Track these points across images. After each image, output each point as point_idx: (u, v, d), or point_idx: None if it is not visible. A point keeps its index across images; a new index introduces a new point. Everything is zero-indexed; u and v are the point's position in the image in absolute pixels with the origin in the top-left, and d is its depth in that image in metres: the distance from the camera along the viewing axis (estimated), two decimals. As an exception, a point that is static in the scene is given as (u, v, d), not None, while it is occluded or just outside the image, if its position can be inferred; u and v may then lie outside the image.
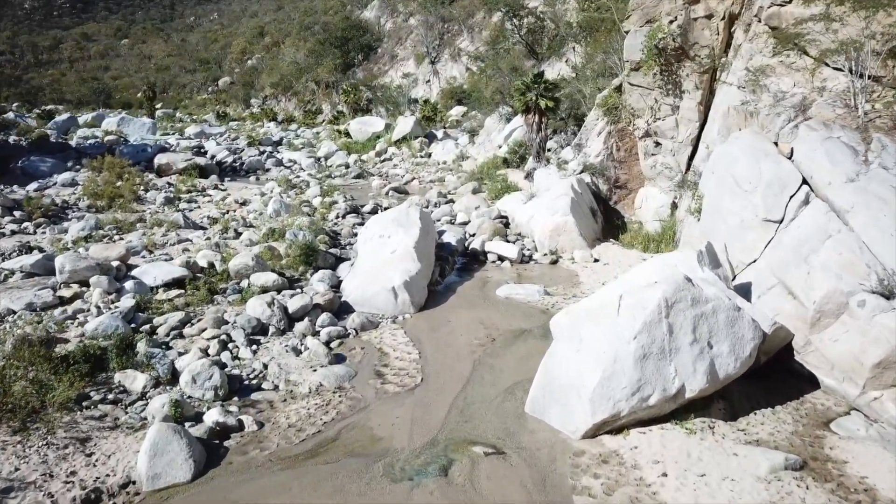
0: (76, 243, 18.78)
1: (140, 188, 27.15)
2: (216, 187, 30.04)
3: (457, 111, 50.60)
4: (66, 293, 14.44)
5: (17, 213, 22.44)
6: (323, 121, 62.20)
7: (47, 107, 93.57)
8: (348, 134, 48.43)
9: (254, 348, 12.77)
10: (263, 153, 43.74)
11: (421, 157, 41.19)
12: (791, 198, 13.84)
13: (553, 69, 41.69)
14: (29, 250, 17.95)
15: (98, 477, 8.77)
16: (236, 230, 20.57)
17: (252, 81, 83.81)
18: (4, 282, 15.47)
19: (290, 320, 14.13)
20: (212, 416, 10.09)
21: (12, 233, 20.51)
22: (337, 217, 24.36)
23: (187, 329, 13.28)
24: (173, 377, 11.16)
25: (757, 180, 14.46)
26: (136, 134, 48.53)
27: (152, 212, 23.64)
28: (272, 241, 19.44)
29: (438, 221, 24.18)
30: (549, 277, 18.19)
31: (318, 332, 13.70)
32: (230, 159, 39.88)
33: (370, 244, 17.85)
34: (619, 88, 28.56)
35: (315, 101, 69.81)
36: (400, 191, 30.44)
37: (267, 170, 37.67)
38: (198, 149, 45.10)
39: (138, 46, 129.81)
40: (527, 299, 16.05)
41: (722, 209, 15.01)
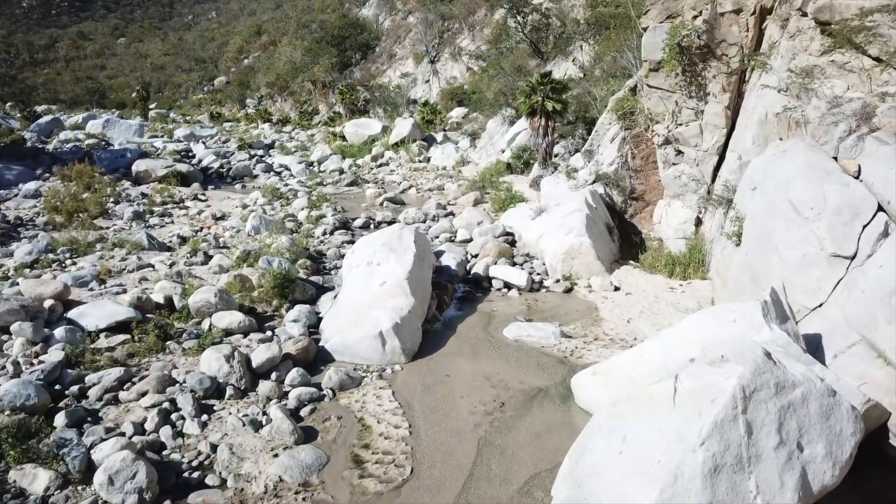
0: (18, 271, 16.11)
1: (110, 200, 24.49)
2: (196, 197, 27.35)
3: (457, 113, 47.92)
4: (-20, 344, 11.81)
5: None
6: (319, 122, 59.48)
7: (41, 106, 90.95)
8: (344, 137, 45.76)
9: (204, 419, 10.09)
10: (254, 157, 41.06)
11: (419, 162, 38.53)
12: (864, 228, 11.19)
13: (559, 69, 39.00)
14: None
15: None
16: (206, 253, 17.90)
17: (248, 81, 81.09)
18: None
19: (254, 376, 11.47)
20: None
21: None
22: (324, 234, 21.70)
23: (124, 393, 10.61)
24: (88, 472, 8.48)
25: (821, 206, 11.78)
26: (122, 137, 45.85)
27: (117, 229, 20.97)
28: (246, 267, 16.80)
29: (437, 239, 21.51)
30: (565, 311, 15.52)
31: (287, 394, 11.04)
32: (217, 164, 37.21)
33: (357, 273, 15.20)
34: (634, 90, 26.03)
35: (311, 102, 67.14)
36: (396, 201, 27.77)
37: (255, 176, 35.00)
38: (185, 153, 42.50)
39: (135, 45, 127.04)
40: (540, 343, 13.39)
41: (775, 239, 12.32)
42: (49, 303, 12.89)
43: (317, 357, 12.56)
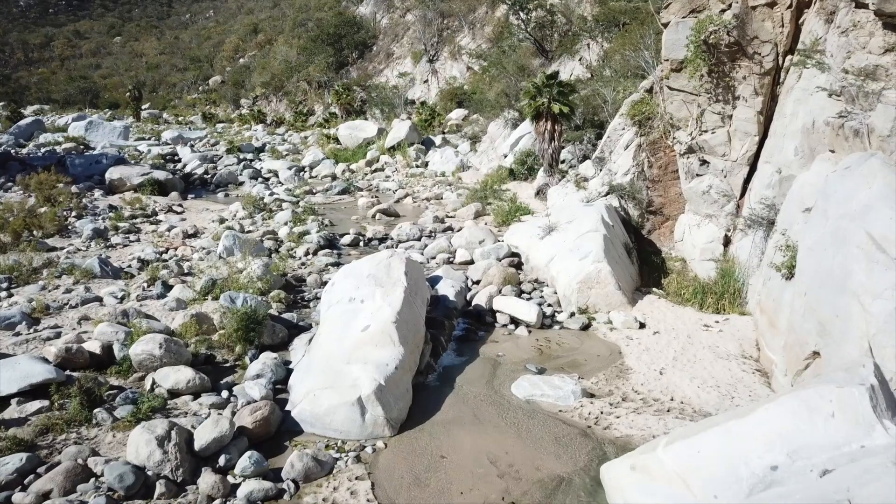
0: (-62, 308, 13.56)
1: (72, 214, 21.92)
2: (171, 209, 24.79)
3: (457, 114, 45.32)
4: None
5: None
6: (314, 124, 56.89)
7: (32, 106, 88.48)
8: (338, 140, 43.17)
9: (120, 534, 7.55)
10: (243, 161, 38.50)
11: (416, 167, 35.96)
12: (976, 274, 8.65)
13: (565, 69, 36.42)
14: None
15: None
16: (166, 283, 15.32)
17: (243, 81, 78.40)
18: None
19: (197, 461, 8.91)
20: None
21: None
22: (307, 254, 19.15)
23: (20, 495, 8.04)
24: None
25: (917, 244, 9.23)
26: (105, 139, 43.23)
27: (72, 250, 18.39)
28: (211, 300, 14.24)
29: (433, 260, 18.94)
30: (583, 357, 12.95)
31: (235, 490, 8.46)
32: (202, 170, 34.65)
33: (336, 311, 12.63)
34: (650, 92, 23.51)
35: (307, 103, 64.52)
36: (389, 213, 25.18)
37: (240, 183, 32.46)
38: (171, 156, 40.02)
39: (130, 44, 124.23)
40: (557, 404, 10.83)
41: (852, 284, 9.72)
42: (-50, 360, 10.35)
43: (281, 429, 9.99)
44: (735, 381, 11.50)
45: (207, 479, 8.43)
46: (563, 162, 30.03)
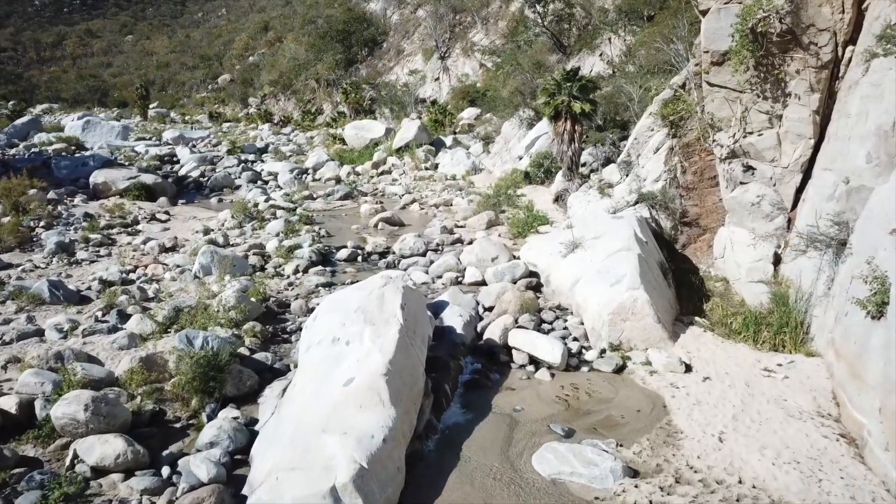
0: None
1: (40, 224, 19.59)
2: (154, 217, 22.43)
3: (469, 114, 42.75)
4: None
5: None
6: (322, 123, 54.49)
7: (41, 105, 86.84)
8: (344, 140, 40.72)
9: None
10: (245, 163, 36.17)
11: (426, 170, 33.46)
12: None
13: (584, 65, 33.77)
14: None
15: None
16: (123, 311, 12.91)
17: (251, 79, 76.12)
18: None
19: (108, 585, 6.49)
20: None
21: None
22: (296, 272, 16.70)
23: None
24: None
25: None
26: (102, 139, 41.03)
27: (28, 268, 16.02)
28: (174, 334, 11.83)
29: (439, 279, 16.44)
30: (621, 412, 10.39)
31: None
32: (198, 173, 32.33)
33: (316, 356, 10.16)
34: (682, 88, 20.96)
35: (315, 101, 62.13)
36: (393, 222, 22.68)
37: (237, 187, 30.11)
38: (169, 157, 37.79)
39: (142, 43, 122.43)
40: (591, 487, 8.30)
41: None
42: None
43: (232, 524, 7.56)
44: (817, 454, 8.91)
45: None
46: (584, 165, 27.46)
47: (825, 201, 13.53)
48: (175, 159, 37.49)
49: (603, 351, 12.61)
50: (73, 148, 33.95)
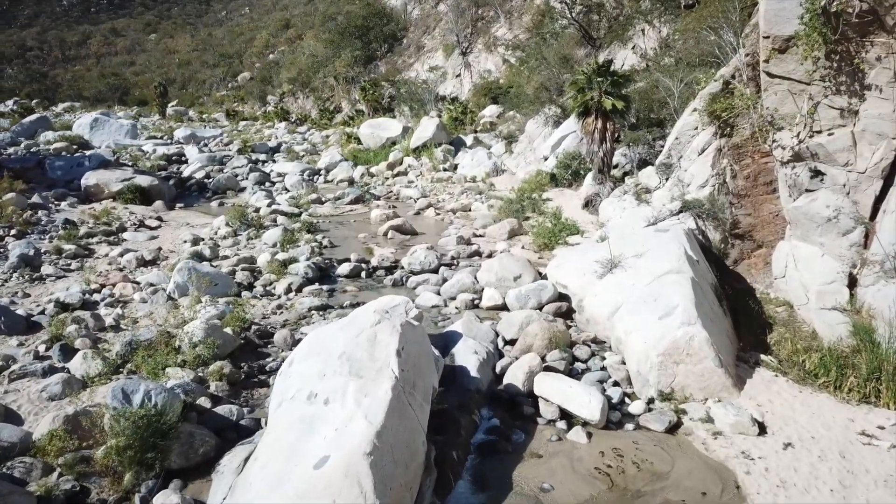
0: None
1: (10, 233, 17.46)
2: (142, 224, 20.23)
3: (491, 111, 40.20)
4: None
5: None
6: (339, 122, 52.30)
7: (63, 103, 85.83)
8: (359, 139, 38.40)
9: None
10: (255, 163, 34.03)
11: (444, 171, 31.03)
12: None
13: (615, 58, 31.05)
14: None
15: None
16: (69, 345, 10.63)
17: (270, 77, 74.23)
18: None
19: None
20: None
21: None
22: (289, 291, 14.35)
23: None
24: None
25: None
26: (109, 138, 39.15)
27: (-16, 286, 13.87)
28: (126, 377, 9.54)
29: (452, 302, 13.99)
30: (680, 497, 7.88)
31: None
32: (202, 174, 30.20)
33: (286, 417, 7.78)
34: (732, 81, 18.39)
35: (333, 99, 59.99)
36: (404, 230, 20.26)
37: (241, 189, 27.92)
38: (177, 157, 35.80)
39: (164, 41, 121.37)
40: None
41: None
42: None
43: None
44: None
45: None
46: (616, 167, 24.88)
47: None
48: (184, 159, 35.49)
49: (651, 401, 10.08)
50: (75, 147, 31.98)
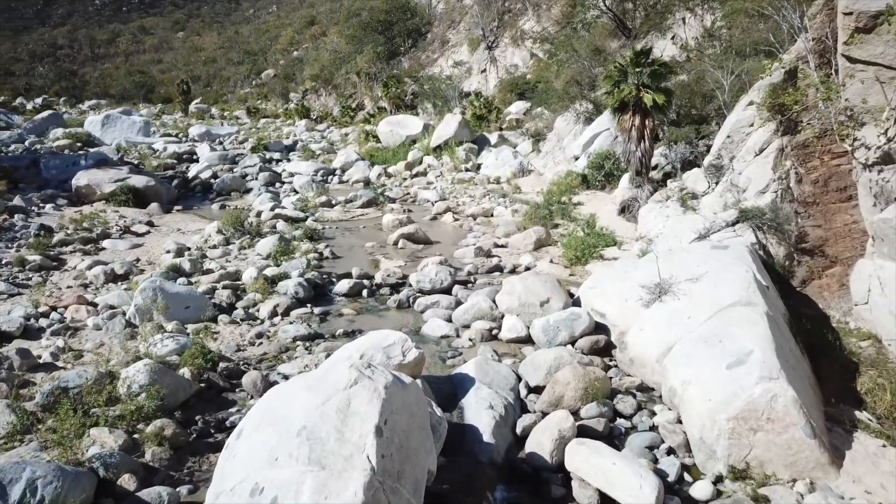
0: None
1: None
2: (126, 231, 18.12)
3: (517, 108, 37.65)
4: None
5: None
6: (361, 120, 50.13)
7: (89, 101, 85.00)
8: (378, 137, 36.13)
9: None
10: (268, 162, 31.97)
11: (466, 171, 28.62)
12: None
13: (653, 50, 28.30)
14: None
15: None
16: (-18, 392, 8.47)
17: (293, 74, 72.41)
18: None
19: None
20: None
21: None
22: (274, 315, 12.07)
23: None
24: None
25: None
26: (121, 136, 37.41)
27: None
28: (49, 432, 7.33)
29: (466, 331, 11.56)
30: None
31: None
32: (208, 174, 28.16)
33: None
34: (794, 73, 15.91)
35: (356, 96, 57.86)
36: (417, 239, 17.87)
37: (247, 191, 25.80)
38: (188, 156, 33.90)
39: (191, 39, 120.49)
40: None
41: None
42: None
43: None
44: None
45: None
46: (655, 168, 22.27)
47: None
48: (195, 158, 33.56)
49: (719, 479, 7.58)
50: (78, 145, 30.16)
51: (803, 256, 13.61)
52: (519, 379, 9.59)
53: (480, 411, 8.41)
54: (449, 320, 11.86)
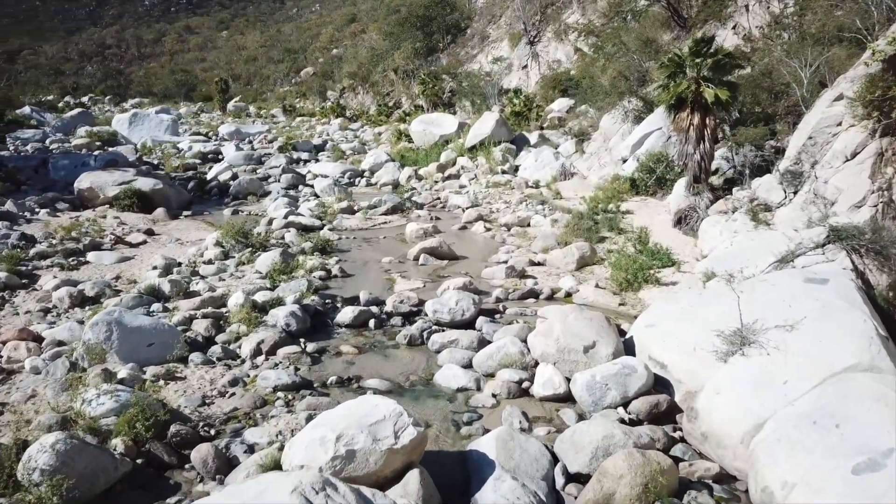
0: None
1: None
2: (119, 241, 16.18)
3: (560, 105, 34.96)
4: None
5: None
6: (398, 118, 48.03)
7: (133, 100, 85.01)
8: (410, 137, 33.89)
9: None
10: (296, 162, 30.11)
11: (502, 174, 26.14)
12: None
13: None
14: None
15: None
16: None
17: (332, 72, 70.76)
18: None
19: None
20: None
21: None
22: (257, 353, 9.86)
23: None
24: None
25: None
26: (147, 134, 36.01)
27: None
28: None
29: (490, 381, 9.14)
30: None
31: None
32: (227, 175, 26.32)
33: None
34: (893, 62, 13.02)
35: (393, 94, 55.76)
36: (440, 254, 15.49)
37: (264, 194, 23.80)
38: (213, 155, 32.24)
39: (234, 38, 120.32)
40: None
41: None
42: None
43: None
44: None
45: None
46: (716, 173, 19.55)
47: None
48: (220, 158, 31.86)
49: None
50: (98, 144, 28.64)
51: (910, 285, 10.91)
52: (555, 460, 7.14)
53: (500, 515, 6.03)
54: (469, 366, 9.46)
